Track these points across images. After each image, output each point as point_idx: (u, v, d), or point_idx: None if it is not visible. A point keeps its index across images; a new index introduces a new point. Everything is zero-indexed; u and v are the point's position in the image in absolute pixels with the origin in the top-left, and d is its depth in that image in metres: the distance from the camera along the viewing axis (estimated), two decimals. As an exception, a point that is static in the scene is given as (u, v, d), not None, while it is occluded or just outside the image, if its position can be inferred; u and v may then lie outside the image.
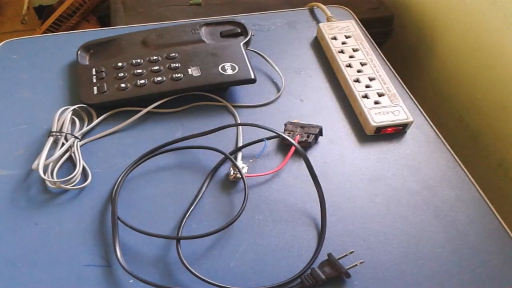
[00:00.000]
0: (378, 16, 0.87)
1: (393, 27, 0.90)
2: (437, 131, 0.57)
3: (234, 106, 0.58)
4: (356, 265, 0.42)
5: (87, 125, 0.55)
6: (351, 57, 0.62)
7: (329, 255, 0.43)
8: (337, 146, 0.54)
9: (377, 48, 0.67)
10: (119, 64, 0.59)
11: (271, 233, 0.46)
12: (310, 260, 0.44)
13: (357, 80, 0.59)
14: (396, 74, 0.63)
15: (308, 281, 0.41)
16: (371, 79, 0.59)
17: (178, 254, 0.43)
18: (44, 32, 1.41)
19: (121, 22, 0.83)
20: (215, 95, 0.59)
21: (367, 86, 0.58)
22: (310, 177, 0.48)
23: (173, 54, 0.60)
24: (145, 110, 0.56)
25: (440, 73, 0.84)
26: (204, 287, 0.41)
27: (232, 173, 0.50)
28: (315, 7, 0.75)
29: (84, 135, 0.54)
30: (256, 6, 0.86)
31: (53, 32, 1.42)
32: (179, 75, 0.57)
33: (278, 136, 0.52)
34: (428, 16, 0.84)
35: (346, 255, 0.43)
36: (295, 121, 0.55)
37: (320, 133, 0.54)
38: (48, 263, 0.43)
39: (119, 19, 0.85)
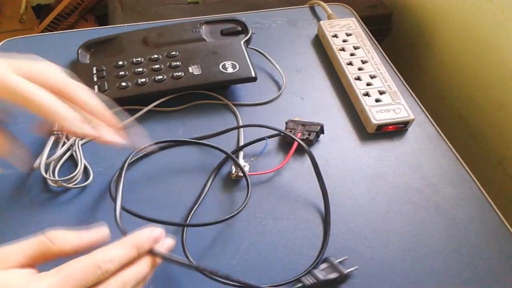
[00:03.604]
0: (376, 13, 0.87)
1: (391, 24, 0.90)
2: (438, 128, 0.57)
3: (235, 105, 0.58)
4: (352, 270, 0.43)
5: (88, 124, 0.55)
6: (352, 55, 0.62)
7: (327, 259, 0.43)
8: (338, 144, 0.55)
9: (378, 45, 0.68)
10: (120, 62, 0.59)
11: (273, 231, 0.46)
12: (315, 259, 0.44)
13: (358, 78, 0.59)
14: (397, 72, 0.64)
15: (308, 280, 0.41)
16: (372, 77, 0.59)
17: (183, 244, 0.43)
18: (42, 31, 1.40)
19: (118, 21, 0.83)
20: (216, 93, 0.59)
21: (368, 84, 0.58)
22: (311, 175, 0.48)
23: (174, 53, 0.60)
24: (146, 109, 0.56)
25: (439, 71, 0.84)
26: (207, 285, 0.41)
27: (234, 171, 0.50)
28: (315, 5, 0.74)
29: (85, 134, 0.54)
30: (253, 5, 0.86)
31: (51, 31, 1.42)
32: (180, 73, 0.57)
33: (280, 134, 0.52)
34: (426, 13, 0.84)
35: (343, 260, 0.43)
36: (296, 119, 0.55)
37: (322, 131, 0.54)
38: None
39: (117, 18, 0.85)
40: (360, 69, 0.60)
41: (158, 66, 0.58)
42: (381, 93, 0.57)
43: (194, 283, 0.42)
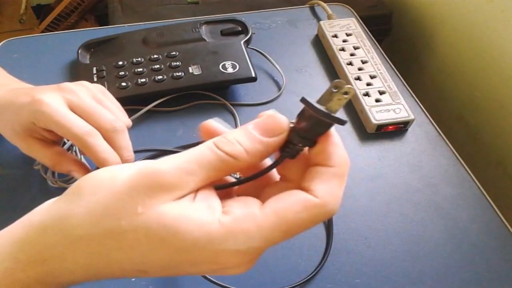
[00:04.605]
0: (376, 14, 0.87)
1: (391, 25, 0.90)
2: (438, 129, 0.57)
3: (235, 105, 0.58)
4: None
5: (88, 124, 0.55)
6: (352, 55, 0.62)
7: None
8: (338, 144, 0.54)
9: (378, 45, 0.68)
10: (120, 62, 0.59)
11: (273, 231, 0.46)
12: (320, 261, 0.44)
13: (358, 78, 0.59)
14: (397, 72, 0.64)
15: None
16: (372, 77, 0.59)
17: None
18: (42, 32, 1.41)
19: (119, 21, 0.83)
20: (216, 93, 0.59)
21: (368, 84, 0.58)
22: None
23: (174, 53, 0.60)
24: (145, 109, 0.56)
25: (439, 71, 0.84)
26: (206, 287, 0.41)
27: None
28: (315, 5, 0.74)
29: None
30: (253, 5, 0.86)
31: (51, 31, 1.42)
32: (180, 73, 0.57)
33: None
34: (426, 13, 0.84)
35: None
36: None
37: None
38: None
39: (117, 18, 0.85)
40: (360, 69, 0.60)
41: (158, 66, 0.58)
42: (381, 93, 0.57)
43: (193, 283, 0.42)
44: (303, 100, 0.23)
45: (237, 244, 0.21)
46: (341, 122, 0.23)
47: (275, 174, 0.26)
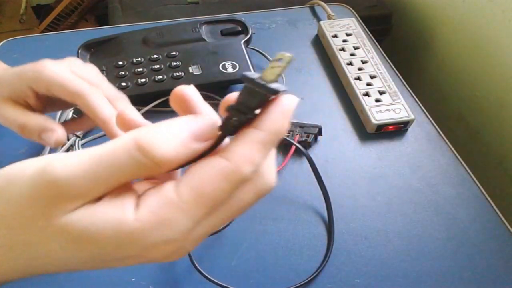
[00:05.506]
0: (376, 13, 0.87)
1: (391, 25, 0.90)
2: (438, 129, 0.57)
3: (235, 105, 0.58)
4: None
5: (88, 124, 0.55)
6: (352, 55, 0.62)
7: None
8: (338, 144, 0.55)
9: (378, 45, 0.68)
10: (120, 62, 0.59)
11: (273, 231, 0.46)
12: (322, 261, 0.44)
13: (358, 78, 0.59)
14: (397, 72, 0.64)
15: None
16: (372, 77, 0.59)
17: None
18: (43, 31, 1.41)
19: (119, 21, 0.83)
20: (216, 93, 0.59)
21: (368, 84, 0.58)
22: (310, 175, 0.48)
23: (174, 53, 0.60)
24: (145, 109, 0.56)
25: (439, 71, 0.84)
26: (206, 286, 0.41)
27: None
28: (315, 5, 0.75)
29: (85, 134, 0.54)
30: (253, 5, 0.86)
31: (51, 31, 1.42)
32: (180, 73, 0.57)
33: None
34: (426, 13, 0.84)
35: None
36: (294, 120, 0.55)
37: (319, 132, 0.54)
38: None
39: (117, 18, 0.85)
40: (360, 69, 0.60)
41: (158, 66, 0.58)
42: (381, 93, 0.57)
43: (194, 283, 0.42)
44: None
45: (164, 235, 0.19)
46: (272, 91, 0.21)
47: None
